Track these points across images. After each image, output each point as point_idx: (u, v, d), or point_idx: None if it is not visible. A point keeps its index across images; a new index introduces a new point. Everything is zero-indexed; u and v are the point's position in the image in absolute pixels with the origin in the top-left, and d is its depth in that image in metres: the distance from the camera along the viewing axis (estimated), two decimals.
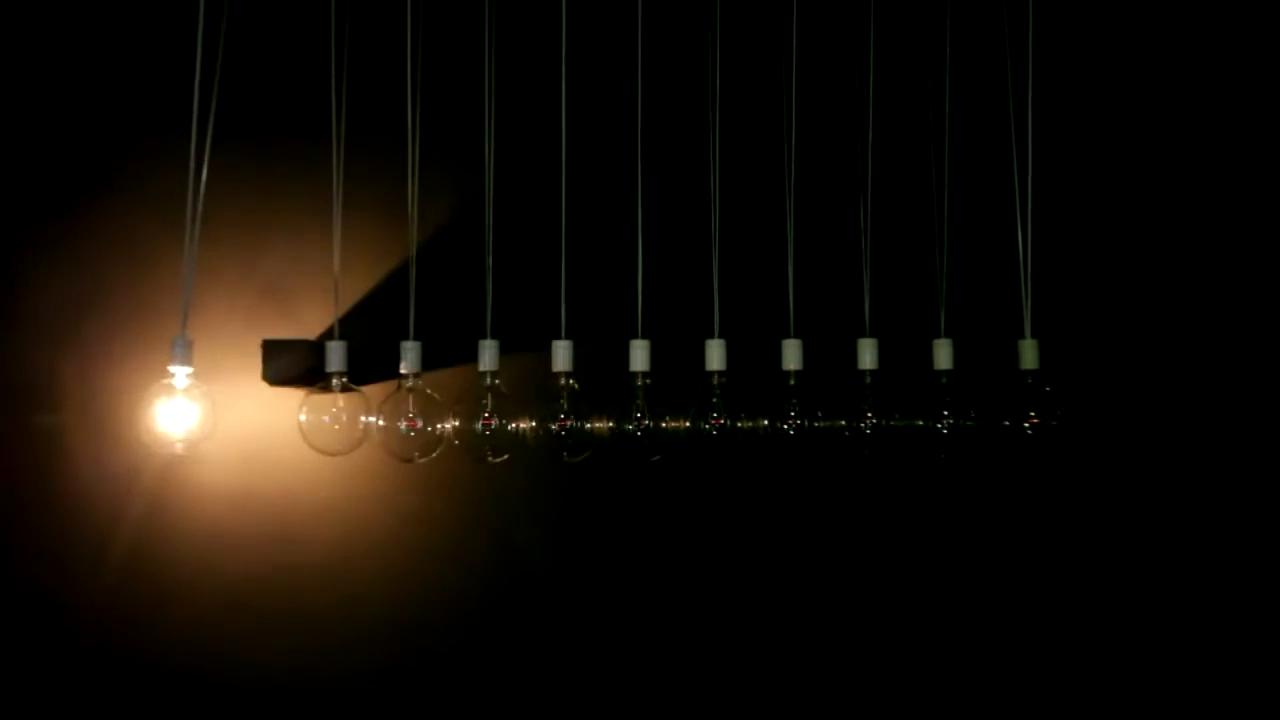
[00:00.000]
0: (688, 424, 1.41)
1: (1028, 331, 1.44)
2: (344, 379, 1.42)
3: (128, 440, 1.49)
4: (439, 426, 1.41)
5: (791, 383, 1.41)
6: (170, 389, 1.38)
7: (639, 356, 1.41)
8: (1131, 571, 1.54)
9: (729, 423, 1.40)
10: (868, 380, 1.42)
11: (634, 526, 1.55)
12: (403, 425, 1.41)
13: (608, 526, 1.56)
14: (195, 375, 1.39)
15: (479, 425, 1.40)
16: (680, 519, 1.55)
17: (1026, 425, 1.41)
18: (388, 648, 1.53)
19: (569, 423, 1.40)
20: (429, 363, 1.44)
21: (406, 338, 1.43)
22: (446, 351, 1.47)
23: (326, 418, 1.41)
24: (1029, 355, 1.43)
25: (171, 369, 1.38)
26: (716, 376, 1.41)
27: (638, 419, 1.40)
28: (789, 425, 1.40)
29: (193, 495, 1.52)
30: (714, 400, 1.41)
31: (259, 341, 1.46)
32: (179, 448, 1.38)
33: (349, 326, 1.47)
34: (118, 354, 1.52)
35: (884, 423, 1.41)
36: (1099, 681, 1.54)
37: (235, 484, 1.52)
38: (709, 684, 1.54)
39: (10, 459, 1.52)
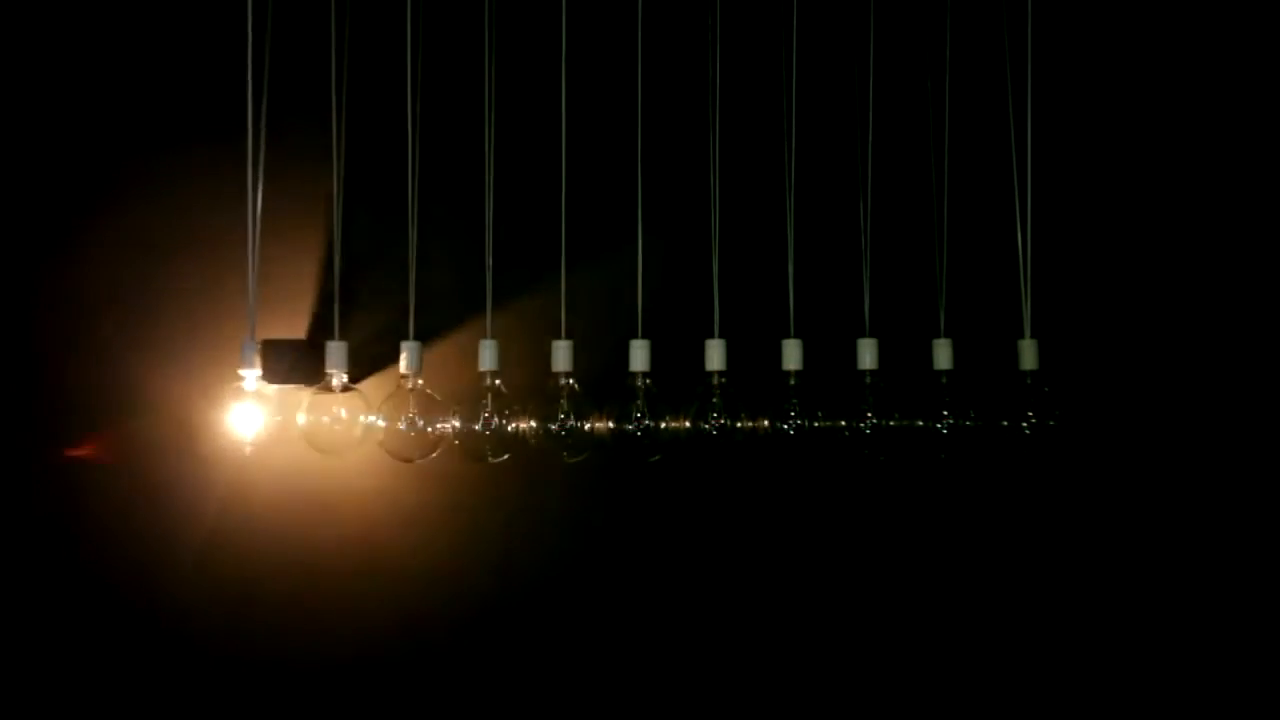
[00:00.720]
0: (688, 424, 1.41)
1: (1027, 331, 1.45)
2: (344, 379, 1.42)
3: (201, 443, 1.50)
4: (439, 426, 1.41)
5: (791, 383, 1.41)
6: (240, 391, 1.40)
7: (639, 356, 1.41)
8: (1131, 571, 1.55)
9: (729, 423, 1.40)
10: (868, 380, 1.42)
11: (633, 526, 1.55)
12: (402, 425, 1.41)
13: (607, 526, 1.56)
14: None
15: (479, 425, 1.40)
16: (680, 519, 1.55)
17: (1025, 425, 1.41)
18: (385, 647, 1.53)
19: (569, 423, 1.40)
20: (430, 363, 1.44)
21: (407, 337, 1.43)
22: (447, 351, 1.47)
23: (326, 418, 1.41)
24: (1028, 355, 1.43)
25: (241, 372, 1.40)
26: (716, 376, 1.41)
27: (638, 419, 1.40)
28: (789, 425, 1.40)
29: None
30: (714, 400, 1.41)
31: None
32: (248, 449, 1.41)
33: (349, 326, 1.47)
34: (186, 358, 1.53)
35: (884, 423, 1.41)
36: (1098, 680, 1.54)
37: (233, 482, 1.52)
38: (709, 683, 1.54)
39: (88, 464, 1.52)
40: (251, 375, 1.41)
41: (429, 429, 1.41)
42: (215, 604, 1.52)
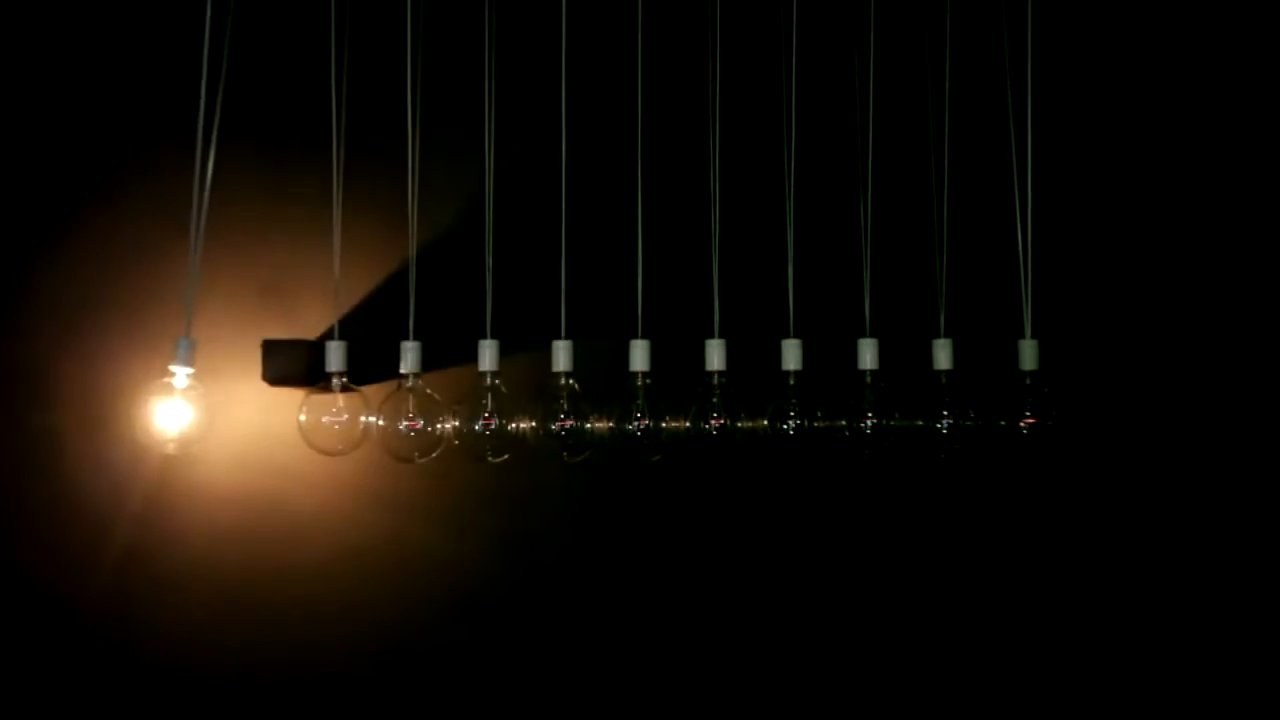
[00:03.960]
0: (688, 424, 1.41)
1: (1028, 331, 1.44)
2: (344, 379, 1.42)
3: (125, 439, 1.50)
4: (439, 426, 1.41)
5: (791, 383, 1.41)
6: (168, 388, 1.38)
7: (639, 356, 1.41)
8: (1130, 571, 1.55)
9: (729, 423, 1.40)
10: (868, 380, 1.42)
11: (633, 525, 1.56)
12: (402, 425, 1.41)
13: (607, 525, 1.56)
14: (195, 376, 1.39)
15: (479, 425, 1.40)
16: (680, 518, 1.55)
17: (1023, 425, 1.41)
18: (385, 647, 1.53)
19: (569, 423, 1.40)
20: (430, 363, 1.44)
21: (406, 337, 1.43)
22: (447, 351, 1.47)
23: (326, 418, 1.41)
24: (1028, 356, 1.43)
25: (173, 368, 1.38)
26: (717, 376, 1.41)
27: (638, 419, 1.40)
28: (789, 425, 1.40)
29: (188, 494, 1.53)
30: (714, 400, 1.41)
31: (259, 341, 1.46)
32: (171, 447, 1.39)
33: (349, 326, 1.47)
34: (119, 353, 1.53)
35: (884, 423, 1.41)
36: (1097, 680, 1.54)
37: (232, 483, 1.52)
38: (709, 682, 1.54)
39: (10, 457, 1.52)
40: (182, 372, 1.38)
41: (429, 429, 1.41)
42: (208, 604, 1.52)
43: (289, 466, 1.51)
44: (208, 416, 1.39)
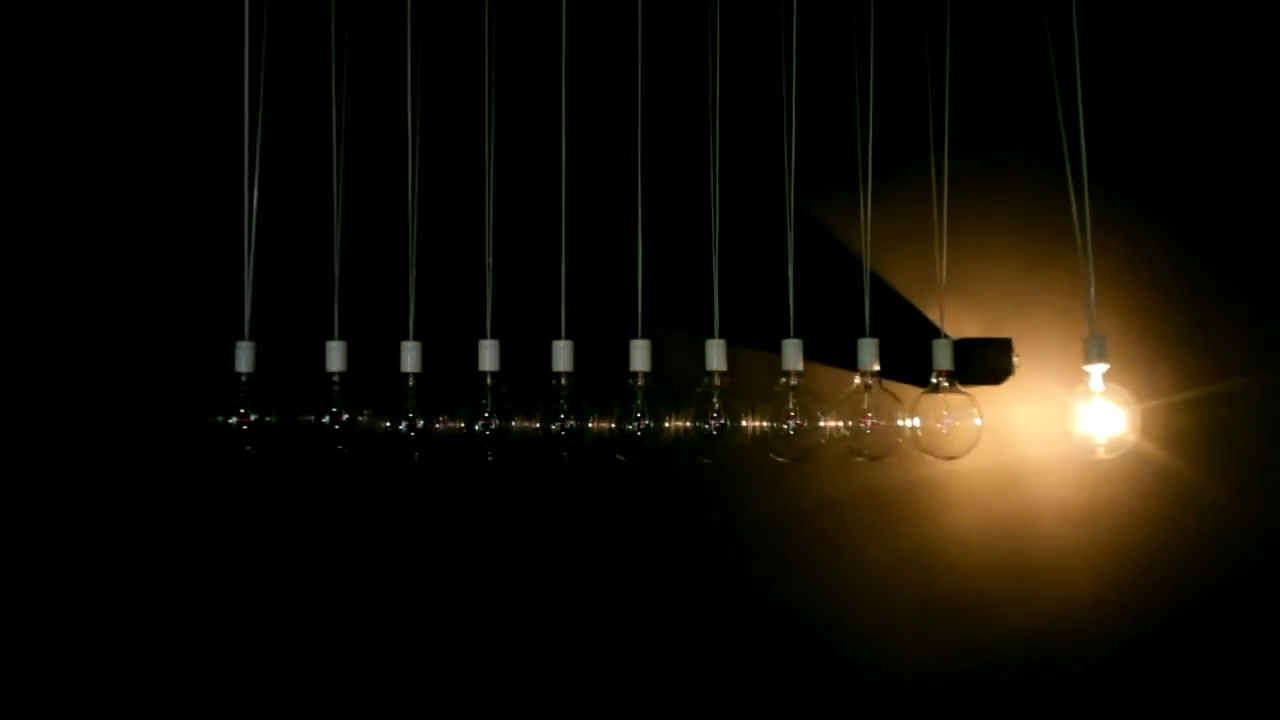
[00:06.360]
0: (688, 424, 1.41)
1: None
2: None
3: None
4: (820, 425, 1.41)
5: (792, 383, 1.41)
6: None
7: (639, 356, 1.41)
8: (1132, 569, 1.55)
9: (729, 423, 1.40)
10: (868, 380, 1.42)
11: (633, 524, 1.56)
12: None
13: (605, 526, 1.56)
14: None
15: (479, 425, 1.40)
16: (680, 517, 1.56)
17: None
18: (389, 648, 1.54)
19: (569, 423, 1.40)
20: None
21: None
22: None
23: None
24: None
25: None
26: (718, 376, 1.41)
27: (638, 419, 1.40)
28: (788, 425, 1.41)
29: None
30: (714, 400, 1.41)
31: None
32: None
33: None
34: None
35: (883, 422, 1.41)
36: (1098, 678, 1.55)
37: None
38: (710, 681, 1.55)
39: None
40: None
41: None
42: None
43: None
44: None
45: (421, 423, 1.40)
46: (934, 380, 1.42)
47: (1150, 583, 1.53)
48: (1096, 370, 1.39)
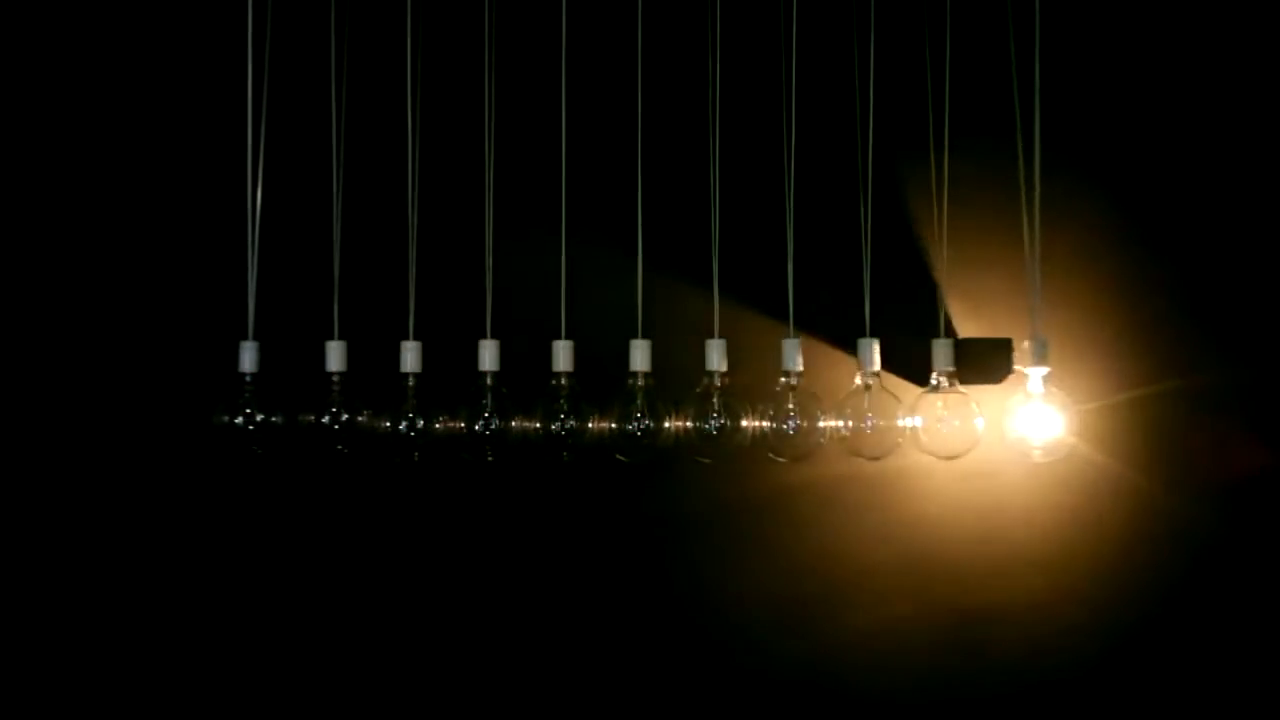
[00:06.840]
0: (687, 424, 1.41)
1: (1033, 331, 1.45)
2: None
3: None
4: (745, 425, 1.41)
5: (792, 383, 1.41)
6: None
7: (639, 356, 1.41)
8: (1131, 570, 1.55)
9: (729, 423, 1.40)
10: (869, 381, 1.42)
11: (632, 524, 1.56)
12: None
13: (605, 525, 1.56)
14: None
15: (479, 425, 1.40)
16: (680, 517, 1.56)
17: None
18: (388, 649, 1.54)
19: (569, 423, 1.40)
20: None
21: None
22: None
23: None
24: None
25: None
26: (718, 376, 1.41)
27: (638, 419, 1.40)
28: (789, 425, 1.41)
29: None
30: (714, 400, 1.41)
31: None
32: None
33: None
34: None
35: (882, 422, 1.41)
36: (1097, 678, 1.55)
37: None
38: (711, 681, 1.55)
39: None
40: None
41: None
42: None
43: None
44: None
45: (421, 423, 1.41)
46: (934, 380, 1.42)
47: (1095, 587, 1.53)
48: (1036, 373, 1.39)
